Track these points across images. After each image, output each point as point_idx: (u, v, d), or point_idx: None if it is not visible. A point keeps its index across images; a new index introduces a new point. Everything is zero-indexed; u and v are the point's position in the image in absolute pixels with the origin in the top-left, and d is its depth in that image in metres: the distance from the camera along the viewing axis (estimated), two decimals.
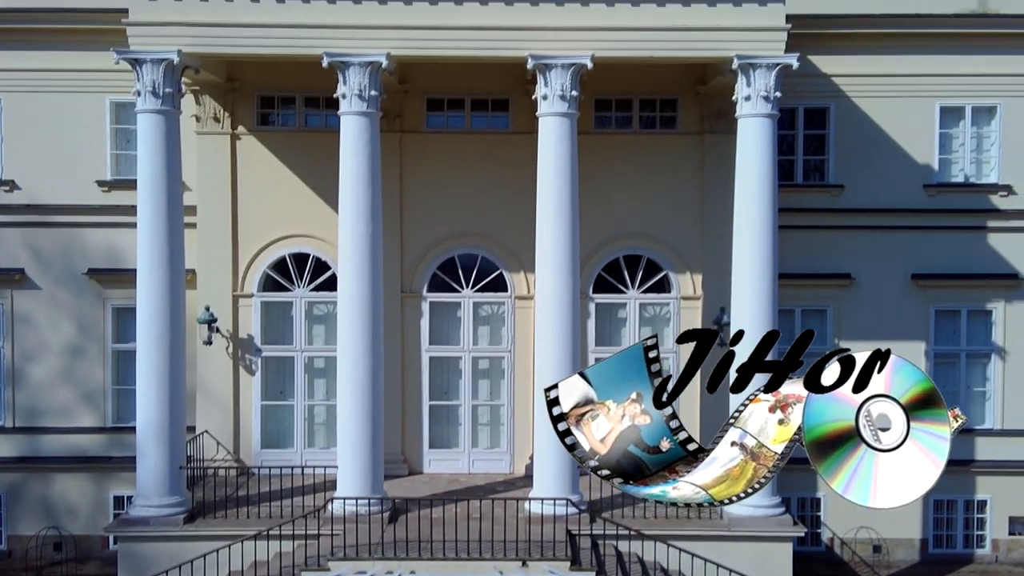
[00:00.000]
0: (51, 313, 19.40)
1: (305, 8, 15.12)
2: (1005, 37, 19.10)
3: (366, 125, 15.31)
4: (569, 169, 15.45)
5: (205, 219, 18.31)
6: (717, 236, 17.87)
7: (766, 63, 15.13)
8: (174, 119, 15.36)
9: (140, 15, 15.11)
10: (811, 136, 19.50)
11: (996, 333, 19.50)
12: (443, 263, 18.61)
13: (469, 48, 15.50)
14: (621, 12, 15.17)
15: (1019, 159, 19.34)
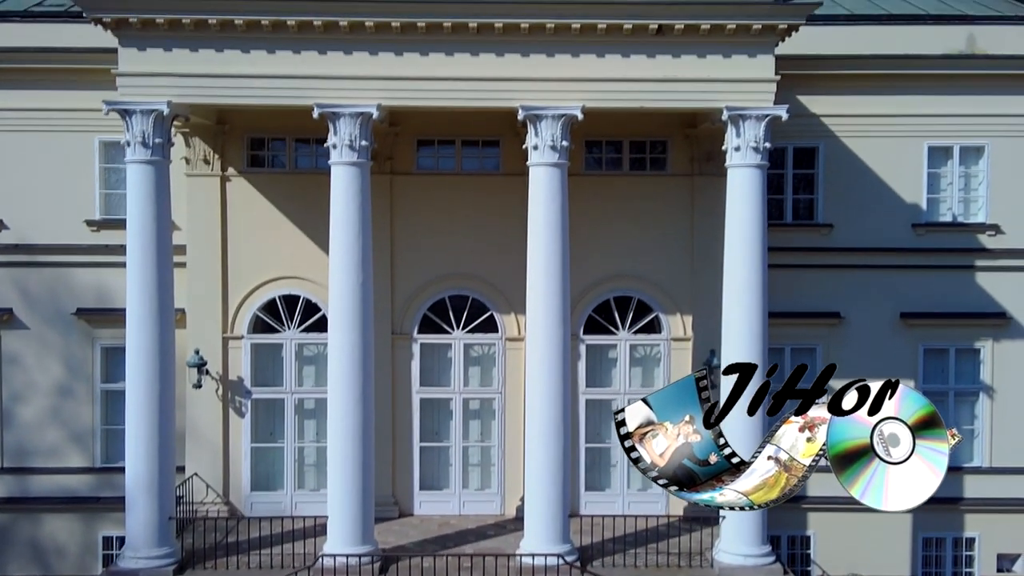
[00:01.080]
0: (40, 353, 19.32)
1: (296, 59, 15.10)
2: (992, 78, 19.23)
3: (356, 175, 15.31)
4: (560, 219, 15.48)
5: (195, 261, 18.26)
6: (707, 277, 17.90)
7: (756, 114, 15.19)
8: (164, 169, 15.33)
9: (130, 65, 15.07)
10: (800, 175, 19.59)
11: (984, 372, 19.61)
12: (434, 304, 18.61)
13: (460, 98, 15.52)
14: (611, 63, 15.21)
15: (1006, 199, 19.47)
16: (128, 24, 14.84)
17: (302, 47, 15.09)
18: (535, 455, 16.06)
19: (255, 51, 15.06)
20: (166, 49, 15.02)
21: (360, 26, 14.91)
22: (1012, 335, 19.54)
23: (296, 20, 14.79)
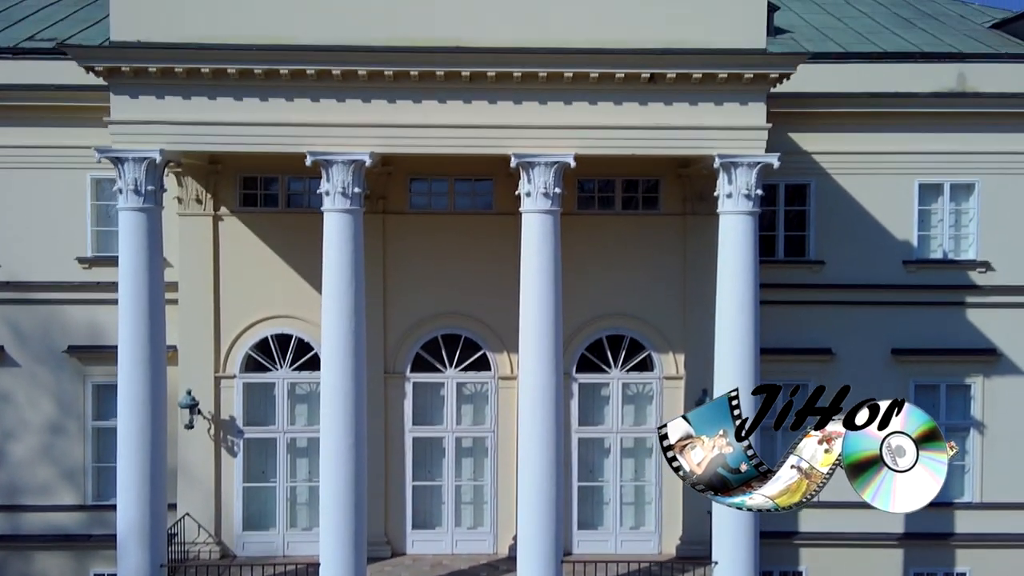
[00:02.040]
0: (31, 391, 19.27)
1: (289, 106, 15.11)
2: (983, 115, 19.34)
3: (349, 222, 15.32)
4: (552, 266, 15.53)
5: (187, 299, 18.22)
6: (700, 316, 17.95)
7: (747, 161, 15.25)
8: (156, 215, 15.33)
9: (122, 113, 15.06)
10: (792, 212, 19.66)
11: (975, 407, 19.70)
12: (426, 343, 18.61)
13: (453, 146, 15.56)
14: (604, 110, 15.26)
15: (997, 236, 19.56)
16: (120, 72, 14.84)
17: (295, 94, 15.10)
18: (528, 495, 16.11)
19: (248, 98, 15.06)
20: (158, 96, 15.01)
21: (353, 74, 14.93)
22: (1002, 371, 19.63)
23: (289, 69, 14.78)
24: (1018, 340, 19.61)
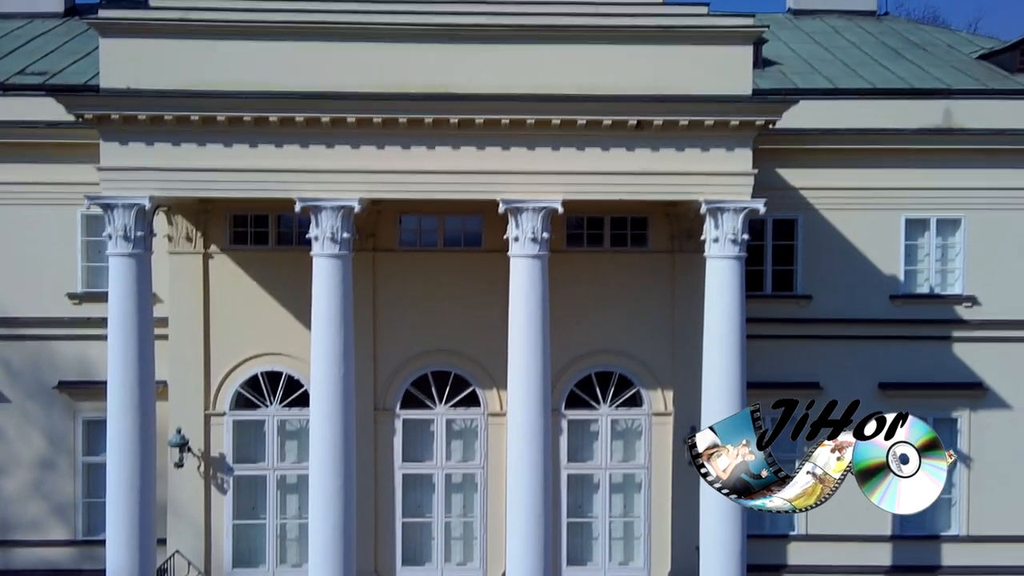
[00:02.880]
0: (21, 426, 19.32)
1: (278, 152, 15.18)
2: (969, 152, 19.48)
3: (338, 267, 15.41)
4: (540, 309, 15.63)
5: (177, 337, 18.28)
6: (688, 352, 18.03)
7: (733, 207, 15.37)
8: (145, 261, 15.39)
9: (111, 160, 15.12)
10: (780, 247, 19.76)
11: (961, 441, 19.81)
12: (416, 379, 18.69)
13: (441, 191, 15.65)
14: (591, 156, 15.36)
15: (983, 270, 19.70)
16: (110, 120, 14.90)
17: (284, 140, 15.18)
18: (516, 531, 16.21)
19: (237, 144, 15.14)
20: (148, 143, 15.08)
21: (342, 121, 15.01)
22: (989, 405, 19.77)
23: (278, 116, 14.85)
24: (1004, 374, 19.75)
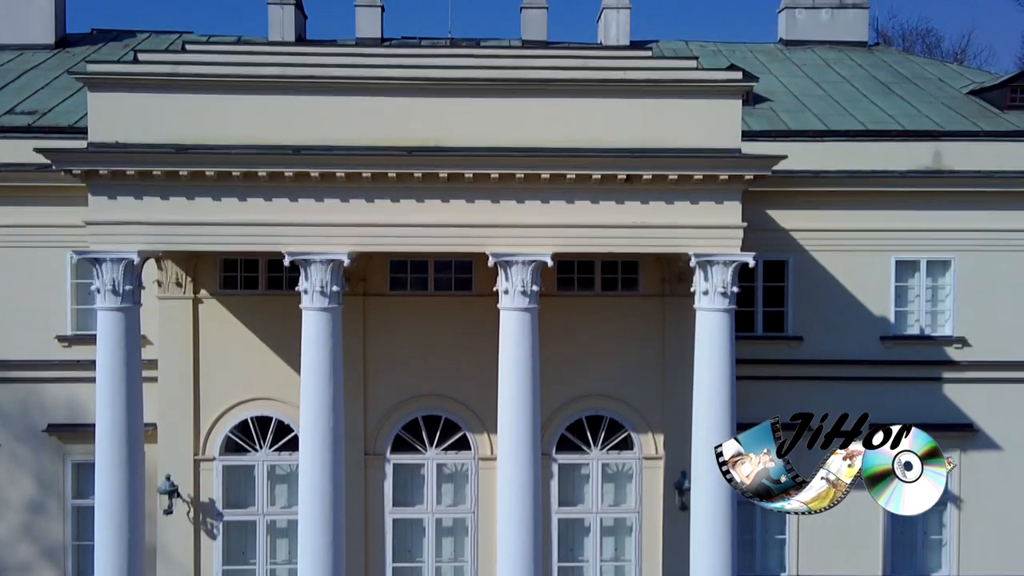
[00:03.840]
0: (11, 469, 19.26)
1: (267, 206, 15.14)
2: (959, 194, 19.50)
3: (328, 320, 15.36)
4: (530, 361, 15.61)
5: (167, 381, 18.23)
6: (678, 396, 18.05)
7: (723, 260, 15.36)
8: (134, 315, 15.33)
9: (99, 214, 15.05)
10: (770, 288, 19.77)
11: (952, 482, 19.82)
12: (407, 424, 18.66)
13: (431, 244, 15.63)
14: (581, 208, 15.34)
15: (973, 312, 19.74)
16: (98, 175, 14.84)
17: (274, 194, 15.13)
18: None
19: (226, 198, 15.09)
20: (136, 197, 15.02)
21: (331, 175, 14.98)
22: (979, 446, 19.81)
23: (267, 171, 14.82)
24: (994, 415, 19.79)
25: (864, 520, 19.07)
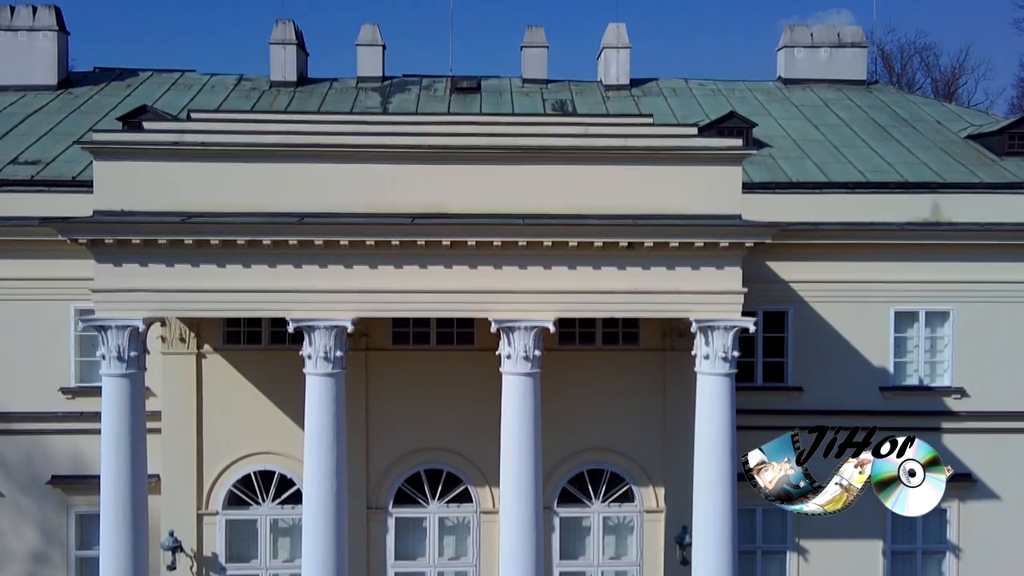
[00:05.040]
0: (15, 520, 19.37)
1: (271, 272, 15.23)
2: (957, 245, 19.63)
3: (331, 385, 15.46)
4: (533, 424, 15.70)
5: (170, 435, 18.33)
6: (679, 450, 18.13)
7: (724, 326, 15.46)
8: (139, 380, 15.42)
9: (105, 281, 15.14)
10: (770, 339, 19.89)
11: (951, 531, 19.98)
12: (409, 477, 18.76)
13: (434, 310, 15.77)
14: (583, 274, 15.44)
15: (971, 362, 19.88)
16: (103, 243, 14.92)
17: (278, 261, 15.22)
18: None
19: (231, 265, 15.17)
20: (142, 264, 15.11)
21: (335, 243, 15.07)
22: (978, 496, 19.93)
23: (272, 239, 14.92)
24: (993, 465, 19.93)
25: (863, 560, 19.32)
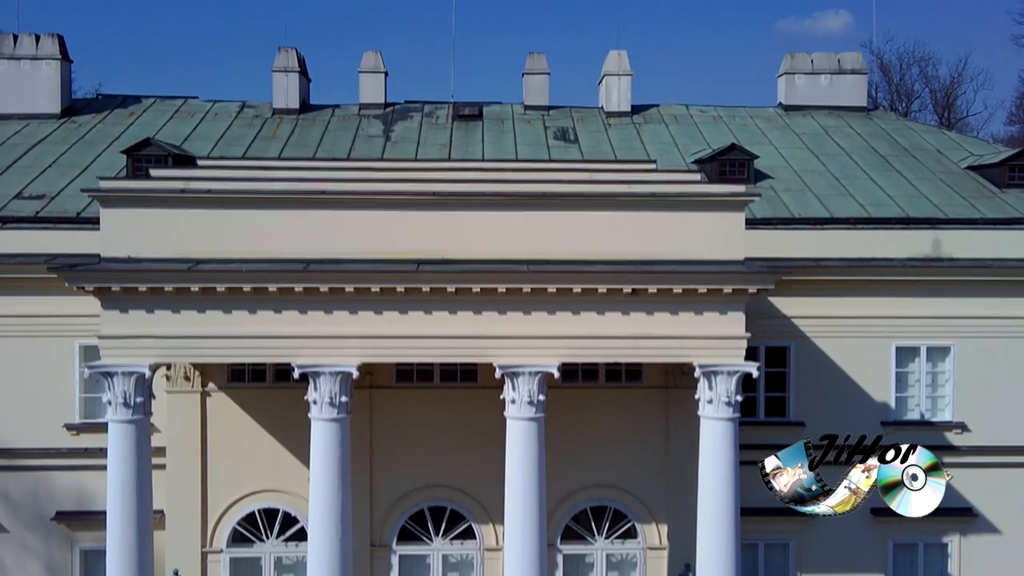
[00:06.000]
0: (20, 556, 19.47)
1: (277, 318, 15.31)
2: (958, 281, 19.72)
3: (336, 431, 15.54)
4: (537, 468, 15.78)
5: (175, 474, 18.40)
6: (682, 487, 18.24)
7: (727, 370, 15.54)
8: (145, 426, 15.50)
9: (112, 328, 15.22)
10: (772, 373, 19.98)
11: (951, 565, 20.07)
12: (413, 514, 18.83)
13: (438, 355, 15.87)
14: (586, 320, 15.53)
15: (972, 397, 19.98)
16: (110, 291, 15.00)
17: (283, 307, 15.31)
18: None
19: (237, 311, 15.26)
20: (148, 311, 15.19)
21: (340, 289, 15.15)
22: (979, 530, 20.02)
23: (277, 286, 15.00)
24: (993, 499, 20.01)
25: None
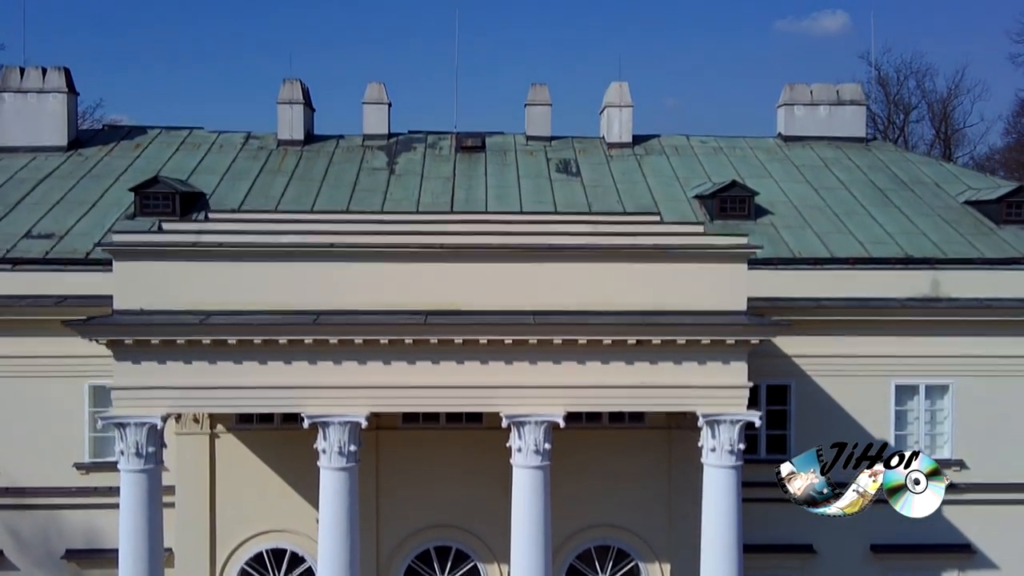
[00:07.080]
0: None
1: (287, 369, 15.54)
2: (956, 321, 19.98)
3: (345, 479, 15.77)
4: (542, 515, 16.02)
5: (184, 515, 18.61)
6: (685, 526, 18.46)
7: (730, 419, 15.80)
8: (156, 475, 15.71)
9: (124, 379, 15.45)
10: (773, 411, 20.23)
11: None
12: (418, 554, 19.06)
13: (446, 405, 16.11)
14: (592, 369, 15.77)
15: (970, 435, 20.25)
16: (123, 343, 15.23)
17: (293, 358, 15.53)
18: None
19: (247, 362, 15.48)
20: (160, 362, 15.41)
21: (349, 341, 15.39)
22: (977, 566, 20.30)
23: (287, 338, 15.24)
24: (992, 536, 20.28)
25: None
